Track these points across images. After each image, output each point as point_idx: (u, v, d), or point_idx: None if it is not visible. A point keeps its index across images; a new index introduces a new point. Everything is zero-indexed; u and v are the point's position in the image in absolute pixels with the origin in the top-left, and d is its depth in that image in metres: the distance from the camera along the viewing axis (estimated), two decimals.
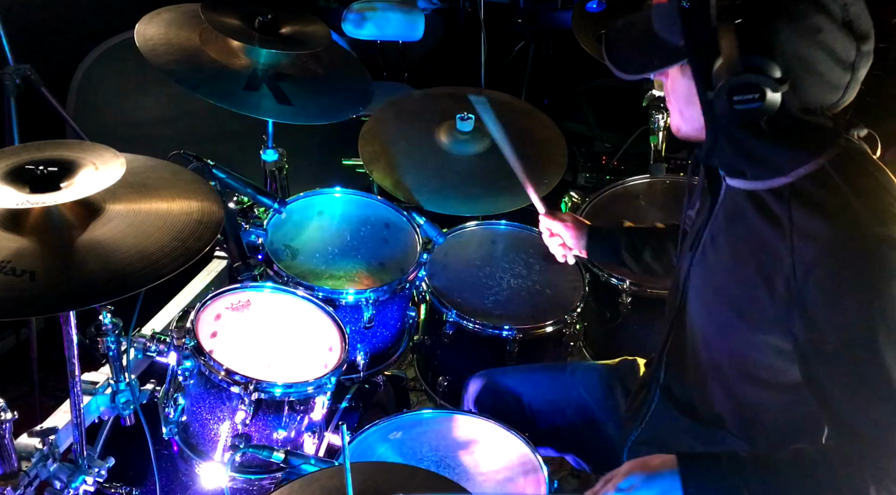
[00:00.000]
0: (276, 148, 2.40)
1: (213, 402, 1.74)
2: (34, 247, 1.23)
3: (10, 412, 1.37)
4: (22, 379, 2.74)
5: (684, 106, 1.32)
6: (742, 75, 1.14)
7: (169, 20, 2.11)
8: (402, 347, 2.31)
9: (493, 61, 3.60)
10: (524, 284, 2.30)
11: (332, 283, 2.20)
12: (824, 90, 1.20)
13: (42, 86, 2.58)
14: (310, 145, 3.49)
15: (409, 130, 2.39)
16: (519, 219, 2.42)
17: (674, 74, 1.31)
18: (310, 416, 1.80)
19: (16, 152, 1.31)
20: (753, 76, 1.14)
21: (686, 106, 1.31)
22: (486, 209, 2.27)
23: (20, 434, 1.48)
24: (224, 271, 2.37)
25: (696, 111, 1.27)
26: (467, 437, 1.72)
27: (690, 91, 1.26)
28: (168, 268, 1.22)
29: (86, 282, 1.19)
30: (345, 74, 2.32)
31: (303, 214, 2.33)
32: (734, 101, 1.15)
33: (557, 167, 2.33)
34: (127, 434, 1.73)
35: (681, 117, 1.35)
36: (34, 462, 1.45)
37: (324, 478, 1.24)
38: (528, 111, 2.55)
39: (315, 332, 1.95)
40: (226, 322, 1.90)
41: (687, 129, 1.36)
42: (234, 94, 2.03)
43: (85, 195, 1.24)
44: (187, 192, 1.40)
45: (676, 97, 1.33)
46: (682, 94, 1.31)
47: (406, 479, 1.26)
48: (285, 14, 2.17)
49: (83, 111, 3.14)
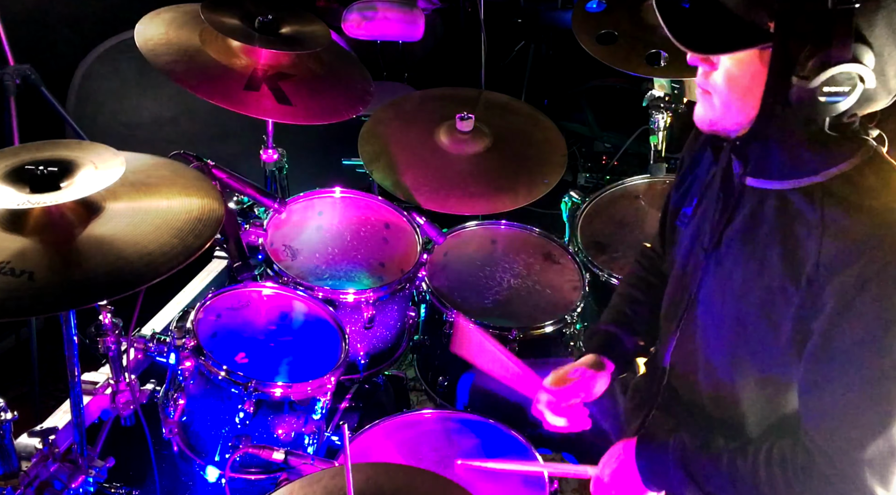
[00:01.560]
0: (277, 148, 2.40)
1: (213, 402, 1.74)
2: (34, 247, 1.23)
3: (10, 412, 1.37)
4: (22, 380, 2.74)
5: (738, 94, 1.21)
6: (848, 64, 1.07)
7: (169, 20, 2.11)
8: (402, 347, 2.31)
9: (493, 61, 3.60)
10: (524, 284, 2.30)
11: (331, 283, 2.20)
12: (884, 93, 1.15)
13: (42, 86, 2.58)
14: (310, 145, 3.48)
15: (409, 130, 2.39)
16: (519, 219, 2.42)
17: (742, 58, 1.18)
18: (310, 416, 1.80)
19: (16, 152, 1.32)
20: (858, 67, 1.08)
21: (741, 94, 1.20)
22: (486, 209, 2.27)
23: (20, 434, 1.48)
24: (224, 271, 2.37)
25: (750, 101, 1.20)
26: (467, 437, 1.73)
27: (756, 78, 1.17)
28: (167, 266, 1.22)
29: (86, 281, 1.19)
30: (345, 74, 2.32)
31: (303, 214, 2.33)
32: (824, 92, 1.09)
33: (557, 167, 2.33)
34: (127, 434, 1.73)
35: (725, 108, 1.24)
36: (34, 462, 1.45)
37: (325, 478, 1.24)
38: (528, 111, 2.55)
39: (315, 332, 1.95)
40: (226, 322, 1.90)
41: (727, 122, 1.25)
42: (234, 94, 2.03)
43: (85, 195, 1.24)
44: (187, 190, 1.40)
45: (732, 84, 1.21)
46: (742, 81, 1.19)
47: (406, 479, 1.26)
48: (285, 14, 2.17)
49: (83, 111, 3.14)
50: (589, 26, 2.52)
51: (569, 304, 2.21)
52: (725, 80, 1.22)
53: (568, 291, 2.27)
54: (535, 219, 2.46)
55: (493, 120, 2.40)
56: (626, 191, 2.57)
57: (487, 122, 2.37)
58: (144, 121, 3.29)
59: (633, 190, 2.58)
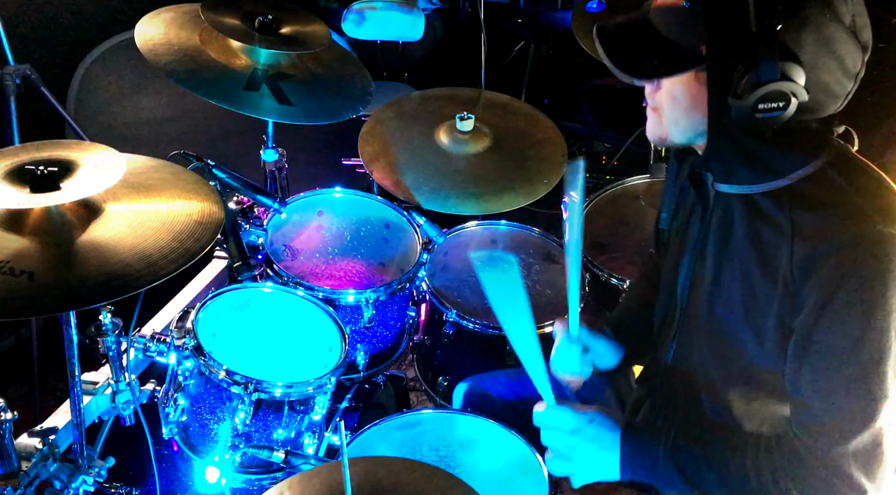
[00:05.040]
0: (276, 148, 2.40)
1: (213, 402, 1.74)
2: (34, 247, 1.23)
3: (10, 412, 1.37)
4: (22, 380, 2.74)
5: (683, 113, 1.27)
6: (777, 82, 1.12)
7: (169, 20, 2.11)
8: (402, 347, 2.31)
9: (493, 61, 3.60)
10: (524, 284, 2.29)
11: (331, 283, 2.20)
12: (830, 99, 1.19)
13: (42, 86, 2.58)
14: (310, 145, 3.49)
15: (409, 130, 2.39)
16: (519, 219, 2.42)
17: (681, 80, 1.24)
18: (310, 416, 1.80)
19: (16, 152, 1.32)
20: (787, 84, 1.12)
21: (686, 113, 1.27)
22: (486, 209, 2.27)
23: (20, 434, 1.48)
24: (224, 271, 2.37)
25: (697, 118, 1.24)
26: (467, 437, 1.73)
27: (697, 98, 1.23)
28: (167, 269, 1.22)
29: (85, 282, 1.19)
30: (345, 74, 2.32)
31: (303, 214, 2.33)
32: (759, 109, 1.14)
33: (557, 167, 2.33)
34: (127, 434, 1.73)
35: (674, 125, 1.30)
36: (34, 462, 1.45)
37: (323, 473, 1.24)
38: (528, 111, 2.55)
39: (315, 332, 1.95)
40: (226, 322, 1.90)
41: (678, 137, 1.31)
42: (234, 94, 2.03)
43: (85, 195, 1.24)
44: (187, 193, 1.40)
45: (675, 104, 1.27)
46: (683, 101, 1.26)
47: (405, 474, 1.26)
48: (285, 14, 2.17)
49: (83, 111, 3.14)
50: (589, 26, 2.51)
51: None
52: (669, 100, 1.28)
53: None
54: (535, 219, 2.46)
55: (493, 120, 2.39)
56: (626, 191, 2.57)
57: (487, 121, 2.37)
58: (144, 121, 3.29)
59: (633, 190, 2.58)
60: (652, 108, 1.33)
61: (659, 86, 1.28)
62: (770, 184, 1.25)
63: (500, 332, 2.09)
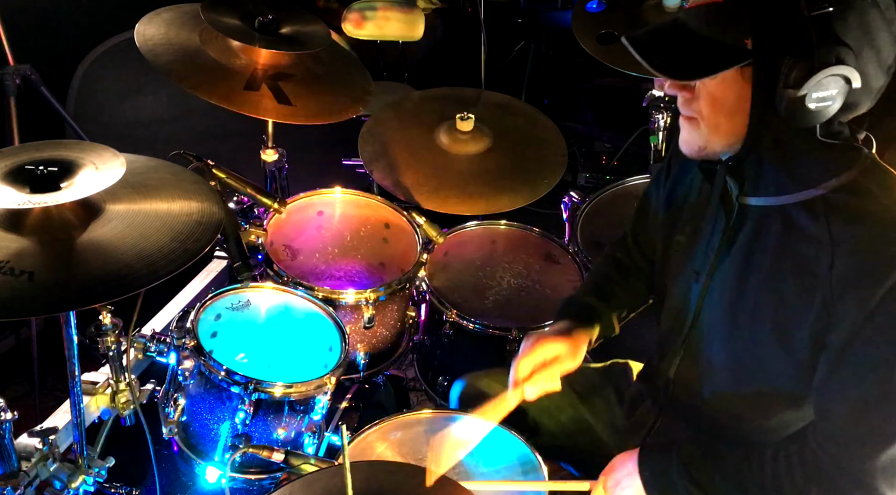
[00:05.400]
0: (277, 148, 2.40)
1: (213, 402, 1.74)
2: (34, 247, 1.22)
3: (10, 412, 1.37)
4: (22, 380, 2.74)
5: (725, 116, 1.21)
6: (833, 67, 1.07)
7: (169, 20, 2.12)
8: (402, 347, 2.31)
9: (493, 61, 3.60)
10: (524, 284, 2.30)
11: (331, 283, 2.20)
12: (865, 94, 1.15)
13: (42, 86, 2.58)
14: (310, 145, 3.48)
15: (409, 130, 2.39)
16: (519, 219, 2.42)
17: (723, 80, 1.18)
18: (310, 416, 1.80)
19: (16, 152, 1.31)
20: (842, 68, 1.08)
21: (729, 115, 1.20)
22: (486, 209, 2.28)
23: (20, 434, 1.48)
24: (224, 271, 2.37)
25: (739, 120, 1.20)
26: (467, 437, 1.72)
27: (741, 97, 1.17)
28: (167, 269, 1.22)
29: (85, 282, 1.18)
30: (345, 74, 2.32)
31: (303, 214, 2.33)
32: (814, 99, 1.09)
33: (557, 167, 2.34)
34: (127, 434, 1.73)
35: (714, 131, 1.23)
36: (34, 462, 1.45)
37: (325, 478, 1.24)
38: (528, 111, 2.55)
39: (315, 332, 1.95)
40: (226, 322, 1.90)
41: (716, 146, 1.25)
42: (234, 94, 2.03)
43: (85, 195, 1.24)
44: (187, 193, 1.40)
45: (716, 107, 1.21)
46: (726, 103, 1.20)
47: (406, 478, 1.26)
48: (285, 14, 2.17)
49: (83, 111, 3.14)
50: (589, 26, 2.52)
51: None
52: (710, 104, 1.22)
53: (568, 291, 2.27)
54: (535, 219, 2.46)
55: (493, 120, 2.40)
56: (626, 191, 2.57)
57: (487, 122, 2.38)
58: (144, 121, 3.29)
59: (633, 190, 2.58)
60: (687, 118, 1.27)
61: (693, 91, 1.23)
62: (801, 194, 1.22)
63: (500, 332, 2.09)
